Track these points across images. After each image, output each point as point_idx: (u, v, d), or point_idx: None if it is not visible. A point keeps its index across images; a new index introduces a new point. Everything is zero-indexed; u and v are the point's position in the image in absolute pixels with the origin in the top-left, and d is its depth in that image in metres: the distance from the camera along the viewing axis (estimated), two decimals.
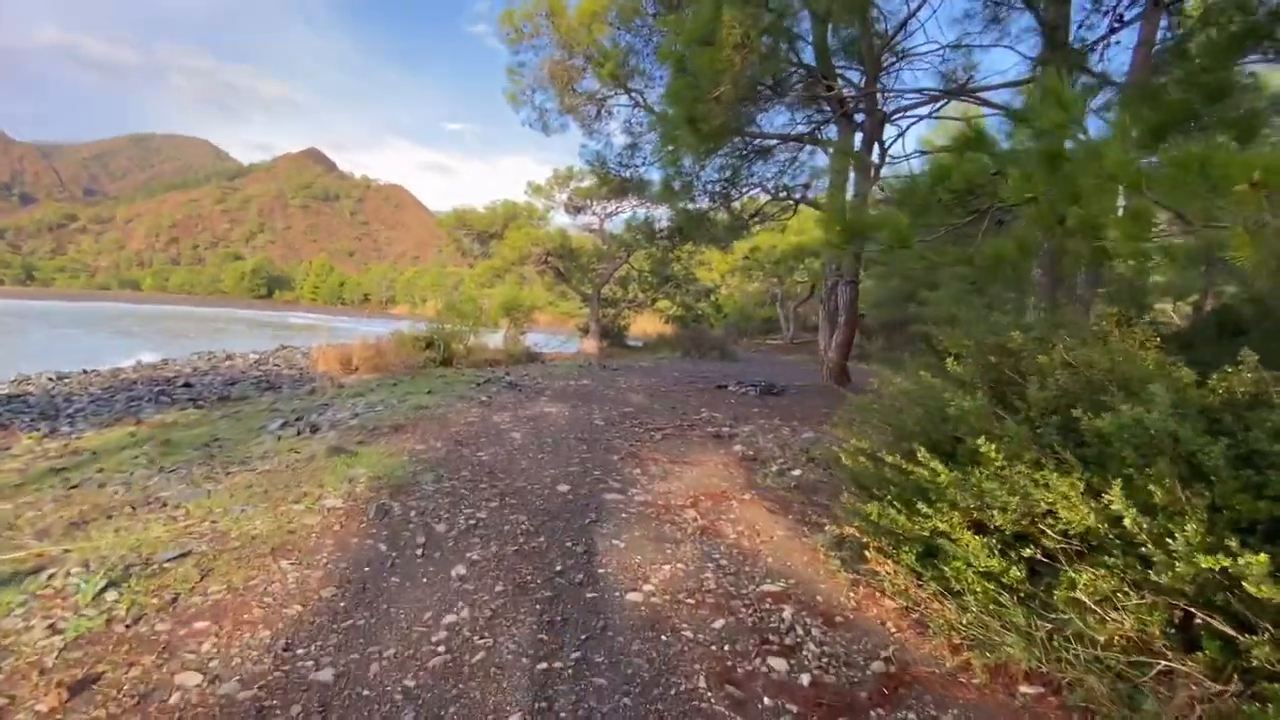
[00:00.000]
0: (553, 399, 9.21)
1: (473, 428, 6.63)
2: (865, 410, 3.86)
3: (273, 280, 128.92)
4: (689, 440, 6.39)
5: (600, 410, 8.26)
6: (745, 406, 9.16)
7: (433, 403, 8.42)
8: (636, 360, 20.02)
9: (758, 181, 13.42)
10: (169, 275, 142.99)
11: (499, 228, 24.08)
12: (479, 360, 17.67)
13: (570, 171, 24.35)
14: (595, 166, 13.09)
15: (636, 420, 7.59)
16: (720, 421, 7.56)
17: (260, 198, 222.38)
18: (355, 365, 17.86)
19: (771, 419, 7.99)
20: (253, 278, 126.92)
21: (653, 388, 11.34)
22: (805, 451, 5.50)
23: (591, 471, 5.01)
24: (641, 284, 26.95)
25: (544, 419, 7.32)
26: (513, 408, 8.09)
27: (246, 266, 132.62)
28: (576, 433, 6.60)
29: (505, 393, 9.90)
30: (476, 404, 8.33)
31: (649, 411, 8.34)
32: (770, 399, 10.33)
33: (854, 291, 12.14)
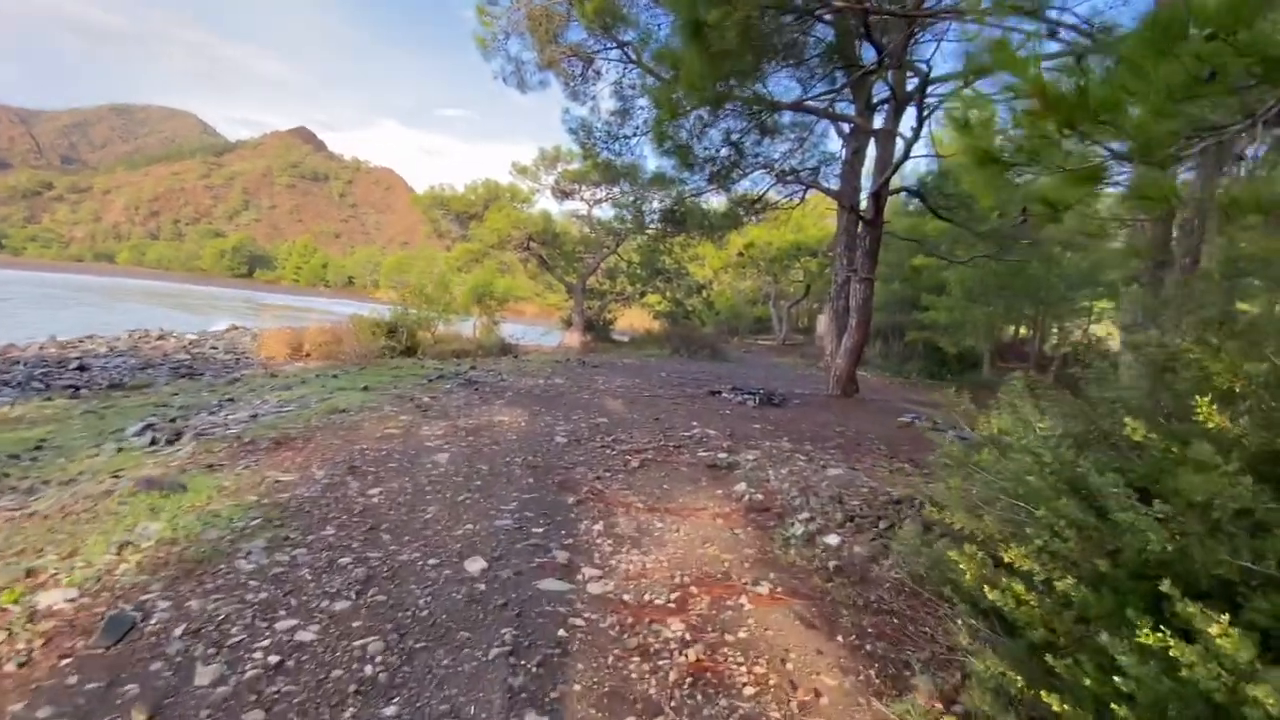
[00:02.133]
0: (511, 402, 7.55)
1: (387, 445, 4.95)
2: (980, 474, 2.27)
3: (254, 259, 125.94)
4: (675, 472, 4.76)
5: (566, 420, 6.61)
6: (744, 421, 7.56)
7: (358, 404, 6.72)
8: (621, 357, 18.36)
9: (764, 161, 11.80)
10: (146, 249, 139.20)
11: (479, 209, 22.25)
12: (445, 351, 15.90)
13: (558, 152, 22.54)
14: (579, 135, 11.43)
15: (610, 436, 5.95)
16: (715, 442, 5.94)
17: (246, 175, 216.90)
18: (306, 351, 16.06)
19: (778, 440, 6.39)
20: (233, 256, 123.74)
21: (635, 391, 9.72)
22: (839, 501, 3.89)
23: (530, 528, 3.37)
24: (630, 276, 25.27)
25: (490, 432, 5.66)
26: (456, 414, 6.41)
27: (227, 244, 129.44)
28: (527, 454, 4.95)
29: (457, 392, 8.22)
30: (412, 407, 6.64)
31: (627, 424, 6.71)
32: (771, 411, 8.74)
33: (870, 290, 10.58)
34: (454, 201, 21.84)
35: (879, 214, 10.20)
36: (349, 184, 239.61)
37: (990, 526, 1.84)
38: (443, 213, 22.48)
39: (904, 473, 5.36)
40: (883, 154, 10.15)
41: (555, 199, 23.36)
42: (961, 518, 1.93)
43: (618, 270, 25.79)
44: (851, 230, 11.37)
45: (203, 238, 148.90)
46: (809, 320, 38.75)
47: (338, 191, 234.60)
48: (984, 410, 3.70)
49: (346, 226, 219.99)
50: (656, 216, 14.87)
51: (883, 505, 3.72)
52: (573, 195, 23.13)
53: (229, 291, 64.84)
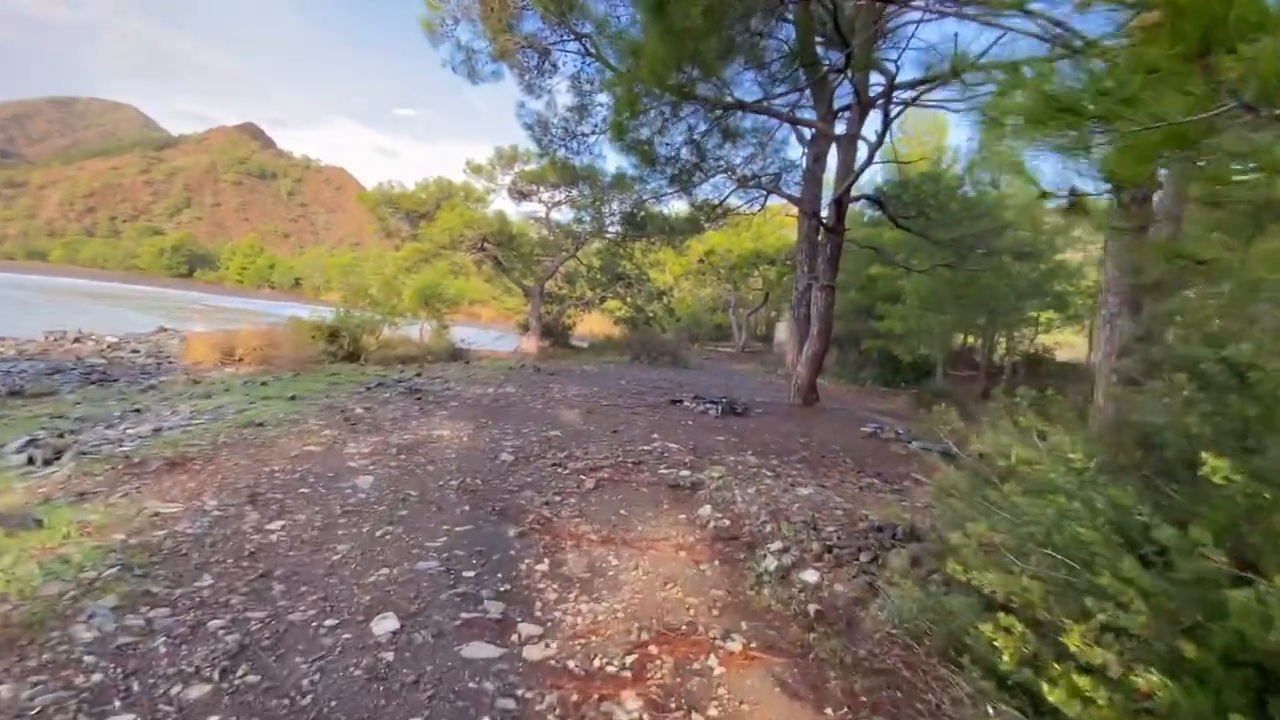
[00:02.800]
0: (455, 414, 6.94)
1: (302, 466, 4.32)
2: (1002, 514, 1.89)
3: (195, 259, 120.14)
4: (634, 493, 4.30)
5: (516, 434, 6.06)
6: (706, 432, 7.16)
7: (280, 416, 6.01)
8: (579, 363, 17.80)
9: (725, 165, 11.52)
10: (81, 247, 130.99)
11: (430, 208, 21.35)
12: (390, 356, 15.03)
13: (515, 151, 21.88)
14: (535, 132, 10.91)
15: (563, 452, 5.44)
16: (677, 457, 5.51)
17: (188, 171, 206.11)
18: (239, 356, 14.94)
19: (743, 454, 6.01)
20: (173, 255, 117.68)
21: (592, 400, 9.22)
22: (813, 527, 3.50)
23: (460, 570, 2.84)
24: (590, 281, 24.74)
25: (426, 449, 5.07)
26: (390, 428, 5.79)
27: (166, 242, 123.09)
28: (467, 475, 4.40)
29: (396, 402, 7.55)
30: (340, 420, 5.97)
31: (582, 437, 6.21)
32: (734, 421, 8.39)
33: (831, 297, 10.39)
34: (403, 199, 20.90)
35: (840, 221, 10.03)
36: (298, 182, 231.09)
37: (1032, 592, 1.44)
38: (391, 211, 21.48)
39: (874, 489, 5.04)
40: (845, 160, 10.00)
41: (512, 200, 22.66)
42: (994, 579, 1.52)
43: (577, 274, 25.23)
44: (813, 238, 11.20)
45: (141, 236, 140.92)
46: (768, 328, 39.03)
47: (286, 190, 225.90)
48: (974, 425, 3.39)
49: (296, 226, 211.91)
50: (617, 219, 14.43)
51: (862, 533, 3.35)
52: (530, 196, 22.49)
53: (168, 292, 61.18)
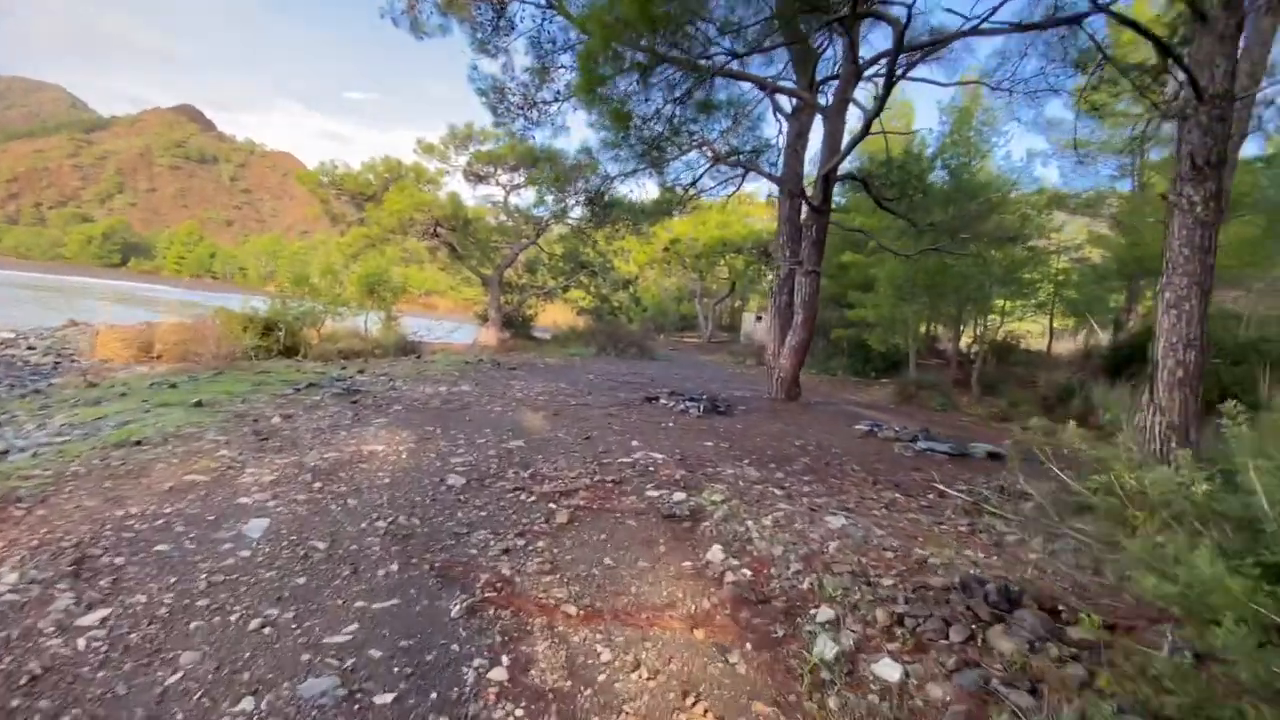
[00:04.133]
0: (397, 421, 5.84)
1: (174, 504, 3.22)
2: None
3: (129, 247, 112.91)
4: (620, 528, 3.35)
5: (469, 446, 5.03)
6: (692, 436, 6.26)
7: (171, 429, 4.83)
8: (542, 356, 16.69)
9: (700, 140, 10.58)
10: (2, 235, 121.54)
11: (378, 190, 19.76)
12: (332, 351, 13.64)
13: (470, 130, 20.45)
14: (490, 99, 9.71)
15: (527, 470, 4.45)
16: (665, 472, 4.58)
17: (121, 154, 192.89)
18: (158, 352, 13.33)
19: (740, 464, 5.13)
20: (104, 243, 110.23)
21: (559, 399, 8.21)
22: (865, 580, 2.63)
23: (370, 695, 1.85)
24: (552, 269, 23.55)
25: (351, 473, 4.00)
26: (310, 443, 4.67)
27: (96, 230, 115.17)
28: (401, 511, 3.37)
29: (327, 407, 6.40)
30: (248, 434, 4.82)
31: (550, 448, 5.22)
32: (719, 422, 7.52)
33: (816, 284, 9.63)
34: (348, 180, 19.25)
35: (827, 200, 9.26)
36: (241, 167, 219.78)
37: None
38: (335, 193, 19.80)
39: (900, 508, 4.23)
40: (831, 133, 9.21)
41: (468, 183, 21.24)
42: None
43: (538, 263, 24.00)
44: (795, 219, 10.41)
45: (68, 223, 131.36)
46: (735, 318, 38.52)
47: (228, 175, 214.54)
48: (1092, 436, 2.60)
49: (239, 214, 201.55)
50: (581, 200, 13.34)
51: (938, 593, 2.48)
52: (487, 179, 21.11)
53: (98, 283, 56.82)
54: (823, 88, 10.53)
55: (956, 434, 8.34)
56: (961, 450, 6.85)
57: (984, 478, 5.62)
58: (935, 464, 6.09)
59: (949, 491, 4.74)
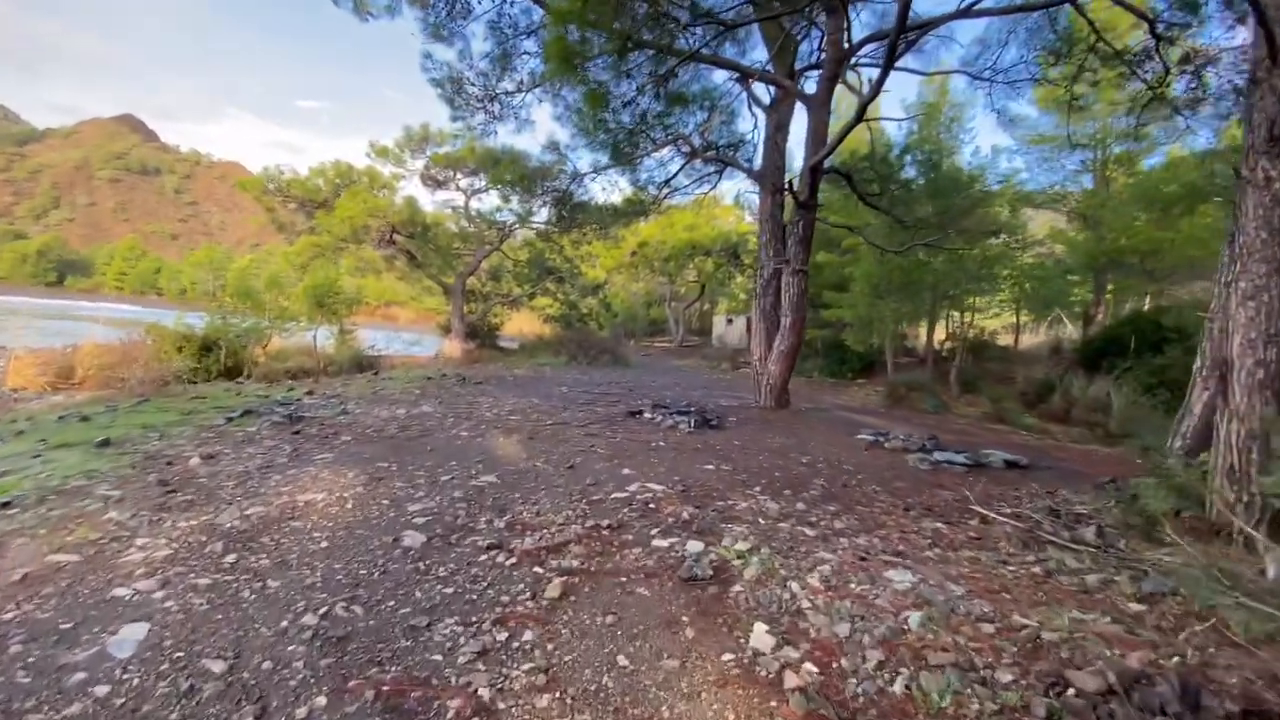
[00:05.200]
0: (344, 457, 4.95)
1: (17, 607, 2.33)
2: None
3: (66, 264, 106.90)
4: (629, 602, 2.60)
5: (430, 486, 4.19)
6: (688, 458, 5.53)
7: (54, 483, 3.87)
8: (510, 367, 15.77)
9: (675, 134, 9.93)
10: None
11: (328, 196, 18.55)
12: (279, 371, 12.47)
13: (426, 132, 19.42)
14: (446, 90, 8.83)
15: (504, 516, 3.66)
16: (669, 509, 3.85)
17: (56, 167, 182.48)
18: (79, 378, 11.99)
19: (750, 492, 4.43)
20: (38, 261, 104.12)
21: (533, 418, 7.38)
22: (978, 678, 1.93)
23: None
24: (517, 276, 22.61)
25: (277, 537, 3.14)
26: (231, 494, 3.78)
27: (30, 247, 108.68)
28: (338, 594, 2.54)
29: (261, 440, 5.45)
30: (152, 485, 3.89)
31: (528, 482, 4.43)
32: (713, 437, 6.82)
33: (805, 284, 9.05)
34: (295, 186, 18.00)
35: (814, 194, 8.69)
36: (187, 179, 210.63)
37: None
38: (282, 200, 18.51)
39: (949, 544, 3.59)
40: (816, 124, 8.65)
41: (426, 188, 20.17)
42: None
43: (502, 270, 23.04)
44: (777, 217, 9.83)
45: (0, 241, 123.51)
46: (706, 321, 38.09)
47: (173, 187, 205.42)
48: None
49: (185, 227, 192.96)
50: (549, 200, 12.53)
51: (1091, 700, 1.80)
52: (446, 184, 20.10)
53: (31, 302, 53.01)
54: (803, 77, 10.01)
55: (960, 439, 7.84)
56: (977, 460, 6.30)
57: (1015, 491, 5.06)
58: (957, 479, 5.51)
59: (993, 516, 4.14)
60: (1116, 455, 7.76)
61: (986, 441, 7.99)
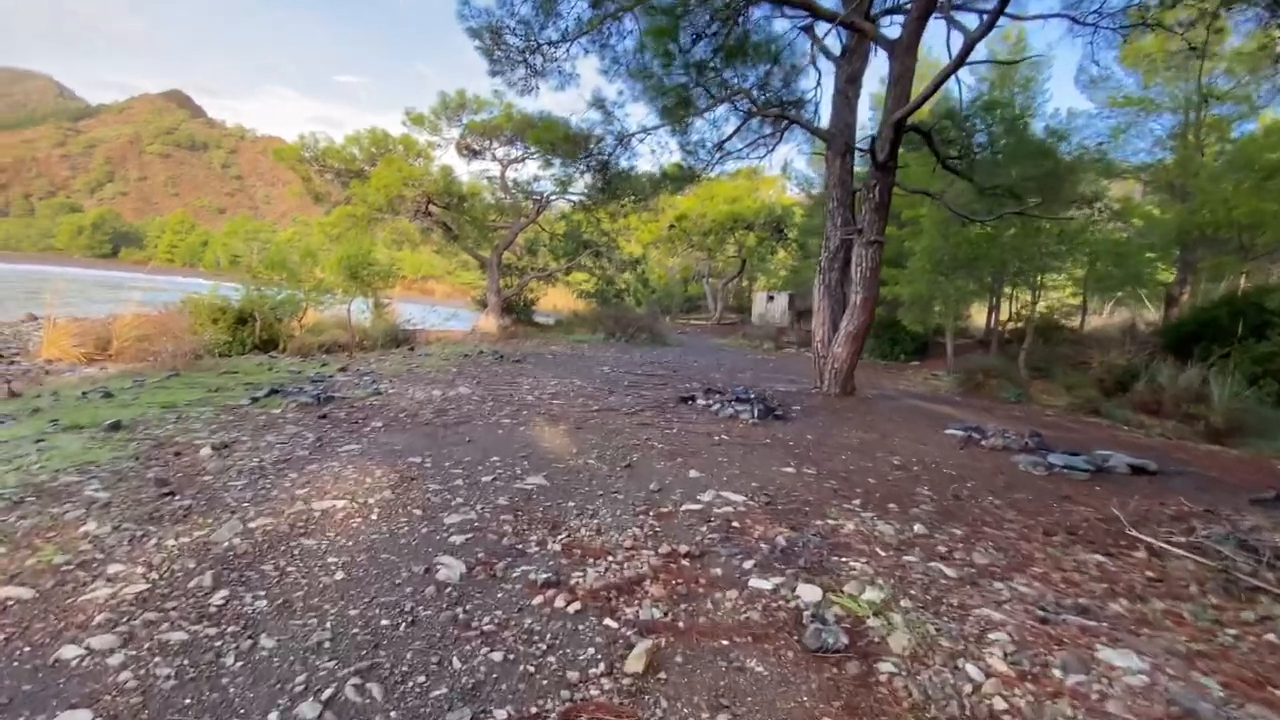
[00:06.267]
0: (374, 447, 4.35)
1: None
2: None
3: (120, 237, 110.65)
4: (741, 685, 1.89)
5: (469, 491, 3.54)
6: (761, 458, 4.77)
7: (42, 479, 3.35)
8: (547, 344, 15.17)
9: (735, 89, 8.94)
10: None
11: (364, 165, 18.06)
12: (313, 344, 12.10)
13: (463, 99, 18.68)
14: (484, 42, 8.04)
15: (557, 534, 2.99)
16: (758, 532, 3.12)
17: (110, 143, 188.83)
18: (115, 349, 11.84)
19: (853, 507, 3.65)
20: (93, 233, 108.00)
21: (578, 403, 6.71)
22: None
23: None
24: (553, 250, 21.89)
25: (284, 560, 2.52)
26: (238, 498, 3.19)
27: (86, 220, 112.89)
28: (350, 664, 1.89)
29: (284, 426, 4.90)
30: (148, 486, 3.34)
31: (582, 486, 3.75)
32: (781, 430, 6.03)
33: (879, 256, 8.09)
34: (331, 154, 17.54)
35: (894, 155, 7.68)
36: (233, 154, 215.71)
37: None
38: (318, 169, 18.11)
39: (1128, 589, 2.78)
40: (900, 75, 7.58)
41: (462, 158, 19.48)
42: None
43: (538, 243, 22.35)
44: (847, 181, 8.82)
45: (58, 214, 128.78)
46: (744, 298, 36.87)
47: (220, 162, 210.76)
48: None
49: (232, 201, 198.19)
50: (591, 166, 11.69)
51: None
52: (482, 154, 19.38)
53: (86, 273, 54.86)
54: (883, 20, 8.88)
55: (1062, 436, 6.87)
56: (1096, 464, 5.38)
57: (1163, 507, 4.16)
58: (1084, 489, 4.63)
59: (1163, 547, 3.28)
60: (1248, 459, 6.70)
61: (1092, 439, 7.01)
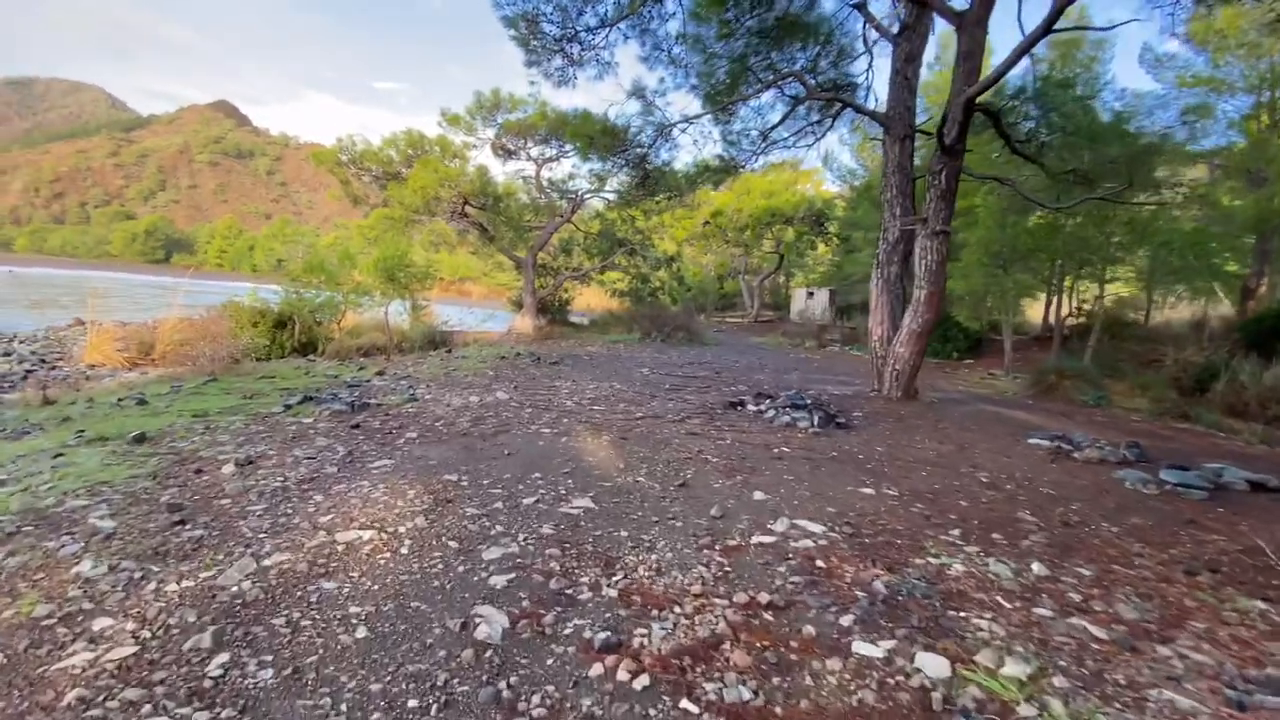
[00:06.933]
0: (407, 463, 4.00)
1: None
2: None
3: (172, 243, 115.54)
4: None
5: (510, 517, 3.14)
6: (834, 476, 4.26)
7: (45, 504, 3.09)
8: (583, 344, 14.83)
9: (786, 71, 8.38)
10: (48, 235, 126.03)
11: (400, 168, 18.04)
12: (351, 347, 11.99)
13: (497, 98, 18.49)
14: (519, 29, 7.70)
15: (612, 579, 2.56)
16: (848, 574, 2.64)
17: (161, 151, 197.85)
18: (158, 354, 11.96)
19: (951, 539, 3.13)
20: (146, 240, 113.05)
21: (620, 409, 6.28)
22: None
23: None
24: (587, 249, 21.57)
25: (298, 612, 2.15)
26: (253, 529, 2.86)
27: (139, 226, 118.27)
28: None
29: (314, 439, 4.60)
30: (162, 508, 3.04)
31: (633, 510, 3.31)
32: (845, 441, 5.49)
33: (946, 247, 7.44)
34: (368, 157, 17.56)
35: (964, 136, 7.03)
36: (277, 161, 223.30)
37: None
38: (356, 171, 18.17)
39: None
40: (969, 50, 6.93)
41: (497, 158, 19.33)
42: None
43: (573, 243, 22.07)
44: (907, 168, 8.18)
45: (112, 221, 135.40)
46: (780, 295, 35.97)
47: (265, 169, 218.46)
48: None
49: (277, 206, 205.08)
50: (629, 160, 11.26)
51: None
52: (517, 154, 19.19)
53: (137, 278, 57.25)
54: None
55: (1156, 445, 6.13)
56: (1211, 480, 4.69)
57: None
58: (1206, 511, 3.98)
59: None
60: None
61: (1191, 448, 6.25)
